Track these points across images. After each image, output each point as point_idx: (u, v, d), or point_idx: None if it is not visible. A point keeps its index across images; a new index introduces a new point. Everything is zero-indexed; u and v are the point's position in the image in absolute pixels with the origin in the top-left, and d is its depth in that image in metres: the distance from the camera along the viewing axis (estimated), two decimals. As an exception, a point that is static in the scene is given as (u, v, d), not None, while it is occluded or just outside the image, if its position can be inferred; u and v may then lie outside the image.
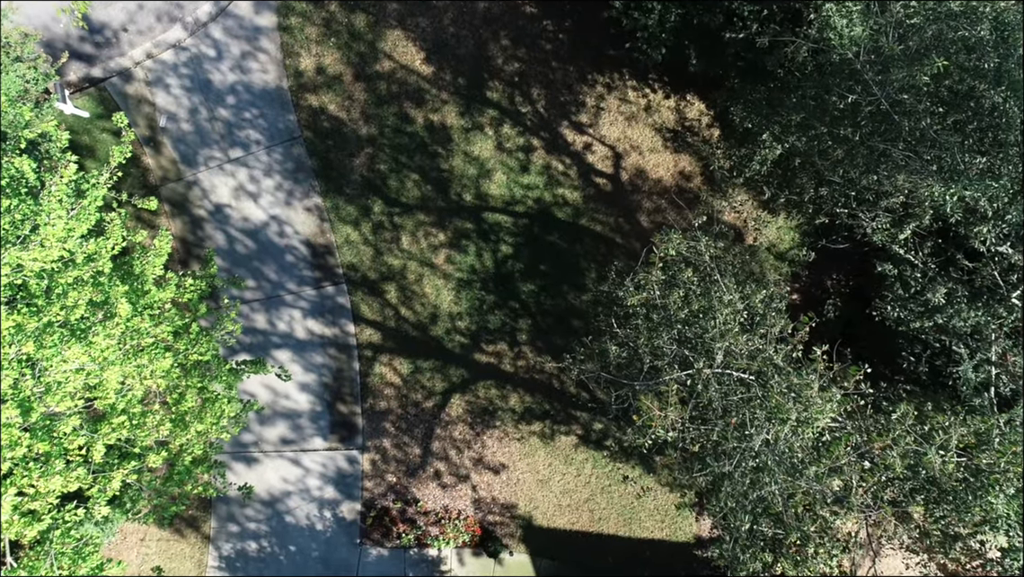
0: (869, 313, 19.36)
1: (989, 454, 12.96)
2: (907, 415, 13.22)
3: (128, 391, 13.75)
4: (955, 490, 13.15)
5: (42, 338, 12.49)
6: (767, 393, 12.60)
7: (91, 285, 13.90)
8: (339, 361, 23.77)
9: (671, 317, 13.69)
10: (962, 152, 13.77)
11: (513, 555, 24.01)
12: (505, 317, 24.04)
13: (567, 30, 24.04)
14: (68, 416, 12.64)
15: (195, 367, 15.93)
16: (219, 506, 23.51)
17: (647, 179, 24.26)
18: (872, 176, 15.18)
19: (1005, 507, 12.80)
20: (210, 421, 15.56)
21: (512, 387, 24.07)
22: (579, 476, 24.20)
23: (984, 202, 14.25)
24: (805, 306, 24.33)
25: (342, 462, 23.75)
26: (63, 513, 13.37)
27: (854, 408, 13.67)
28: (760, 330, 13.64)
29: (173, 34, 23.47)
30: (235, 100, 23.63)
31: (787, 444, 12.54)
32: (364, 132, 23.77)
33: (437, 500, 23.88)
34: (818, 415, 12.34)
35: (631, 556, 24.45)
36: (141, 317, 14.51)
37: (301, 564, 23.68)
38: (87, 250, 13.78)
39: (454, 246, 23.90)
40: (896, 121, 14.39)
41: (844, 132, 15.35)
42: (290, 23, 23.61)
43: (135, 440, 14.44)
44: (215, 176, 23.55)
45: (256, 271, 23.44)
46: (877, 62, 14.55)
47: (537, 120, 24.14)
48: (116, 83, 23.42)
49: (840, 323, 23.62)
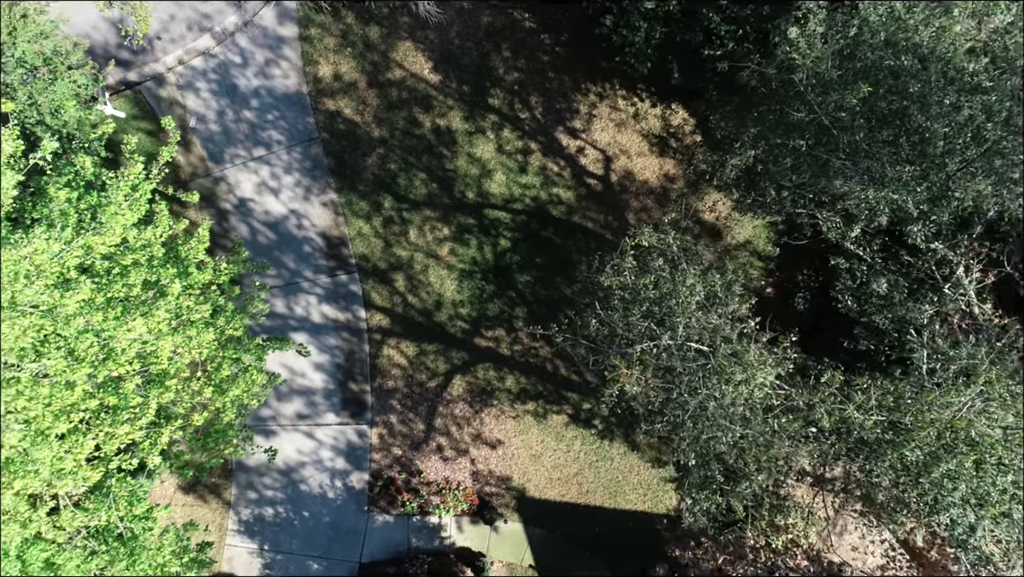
0: (836, 306, 21.57)
1: (901, 413, 15.23)
2: (833, 380, 15.55)
3: (178, 359, 15.96)
4: (879, 443, 15.40)
5: (106, 311, 14.67)
6: (717, 358, 14.96)
7: (146, 267, 16.11)
8: (351, 343, 25.97)
9: (641, 297, 16.05)
10: (891, 162, 16.07)
11: (507, 523, 26.17)
12: (503, 305, 26.26)
13: (563, 43, 26.27)
14: (130, 377, 14.85)
15: (230, 341, 18.15)
16: (239, 475, 25.68)
17: (634, 180, 26.49)
18: (818, 181, 17.47)
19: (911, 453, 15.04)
20: (243, 388, 17.78)
21: (509, 369, 26.28)
22: (569, 452, 26.39)
23: (910, 204, 16.52)
24: (779, 298, 26.59)
25: (352, 436, 25.92)
26: (120, 461, 15.54)
27: (795, 377, 15.98)
28: (718, 309, 15.93)
29: (203, 42, 25.67)
30: (259, 103, 25.83)
31: (732, 399, 14.87)
32: (376, 134, 25.98)
33: (439, 472, 26.05)
34: (756, 374, 14.67)
35: (616, 526, 26.59)
36: (186, 296, 16.73)
37: (313, 529, 25.82)
38: (143, 237, 15.98)
39: (457, 239, 26.11)
40: (835, 135, 16.70)
41: (793, 143, 17.67)
42: (310, 34, 25.82)
43: (179, 402, 16.65)
44: (240, 173, 25.75)
45: (276, 260, 25.63)
46: (818, 85, 16.85)
47: (535, 125, 26.36)
48: (150, 87, 25.62)
49: (811, 315, 25.86)
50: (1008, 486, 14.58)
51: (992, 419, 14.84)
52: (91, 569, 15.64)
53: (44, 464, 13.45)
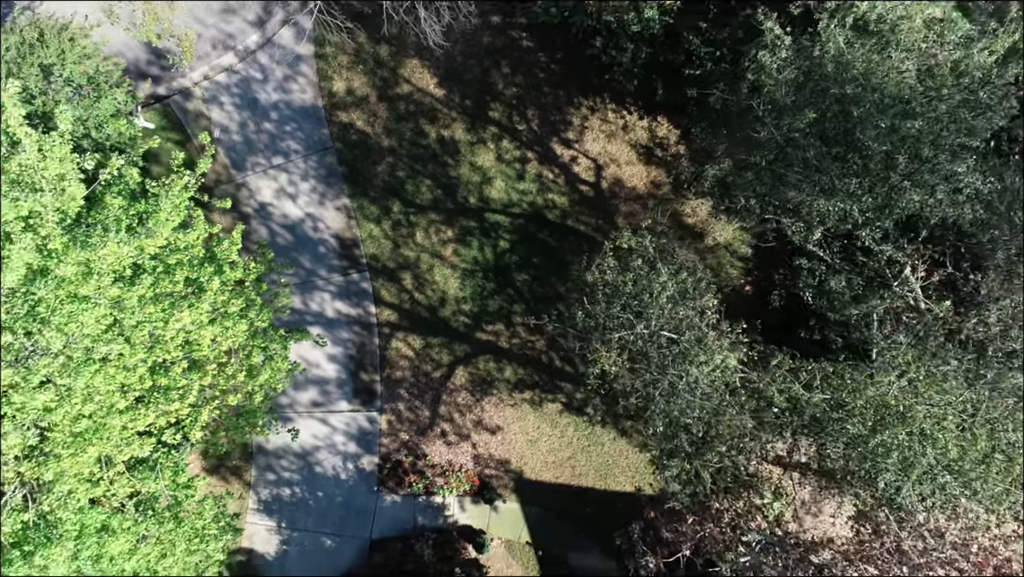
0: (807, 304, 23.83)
1: (842, 393, 17.56)
2: (783, 364, 17.89)
3: (216, 347, 18.20)
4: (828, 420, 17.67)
5: (158, 304, 16.91)
6: (683, 344, 17.31)
7: (187, 266, 18.34)
8: (362, 337, 28.20)
9: (620, 292, 18.42)
10: (839, 175, 18.39)
11: (506, 503, 28.36)
12: (502, 302, 28.50)
13: (558, 61, 28.56)
14: (178, 361, 17.10)
15: (258, 332, 20.39)
16: (259, 458, 27.89)
17: (623, 187, 28.75)
18: (777, 192, 19.78)
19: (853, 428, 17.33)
20: (270, 373, 20.03)
21: (507, 361, 28.51)
22: (563, 437, 28.60)
23: (856, 212, 18.82)
24: (757, 296, 28.84)
25: (363, 422, 28.13)
26: (168, 435, 17.77)
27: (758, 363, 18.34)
28: (689, 303, 18.26)
29: (226, 59, 27.92)
30: (277, 115, 28.08)
31: (695, 377, 17.20)
32: (385, 144, 28.24)
33: (442, 455, 28.25)
34: (715, 356, 17.04)
35: (606, 506, 28.78)
36: (222, 292, 18.96)
37: (327, 508, 28.00)
38: (185, 239, 18.22)
39: (460, 241, 28.35)
40: (789, 152, 19.02)
41: (754, 159, 20.01)
42: (325, 52, 28.08)
43: (216, 385, 18.90)
44: (260, 179, 28.00)
45: (293, 260, 27.87)
46: (774, 109, 19.18)
47: (531, 136, 28.63)
48: (178, 100, 27.87)
49: (785, 311, 28.07)
50: (931, 453, 16.89)
51: (920, 396, 17.16)
52: (140, 531, 17.89)
53: (114, 431, 15.69)
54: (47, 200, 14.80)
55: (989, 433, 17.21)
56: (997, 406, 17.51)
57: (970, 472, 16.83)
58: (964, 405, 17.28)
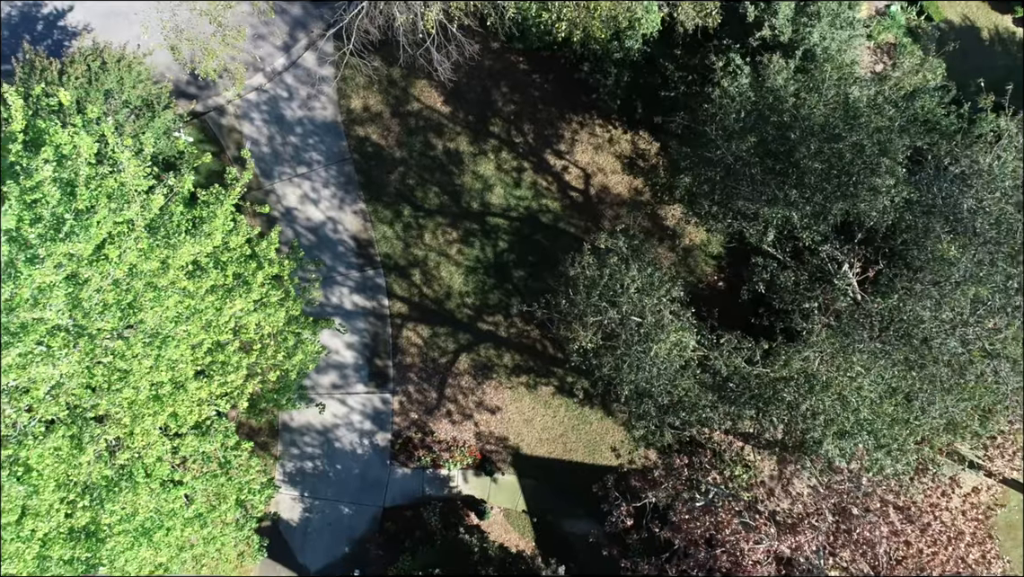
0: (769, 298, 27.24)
1: (775, 366, 21.12)
2: (729, 341, 21.42)
3: (260, 331, 21.70)
4: (772, 391, 21.20)
5: (215, 293, 20.40)
6: (646, 326, 20.90)
7: (236, 262, 21.81)
8: (376, 326, 31.63)
9: (597, 284, 21.98)
10: (779, 188, 21.93)
11: (504, 476, 31.50)
12: (501, 296, 31.95)
13: (551, 82, 32.07)
14: (231, 342, 20.62)
15: (292, 319, 23.87)
16: (284, 434, 31.22)
17: (609, 193, 32.24)
18: (729, 201, 23.33)
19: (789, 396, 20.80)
20: (303, 355, 23.52)
21: (506, 349, 31.95)
22: (555, 417, 31.98)
23: (796, 219, 22.37)
24: (728, 291, 32.25)
25: (377, 403, 31.51)
26: (221, 404, 21.26)
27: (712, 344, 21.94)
28: (654, 294, 21.79)
29: (256, 80, 31.39)
30: (301, 130, 31.57)
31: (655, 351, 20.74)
32: (398, 155, 31.73)
33: (448, 432, 31.58)
34: (671, 334, 20.62)
35: (594, 478, 32.02)
36: (263, 284, 22.43)
37: (345, 479, 31.20)
38: (235, 240, 21.69)
39: (464, 241, 31.83)
40: (738, 169, 22.59)
41: (708, 174, 23.58)
42: (344, 73, 31.57)
43: (258, 363, 22.38)
44: (286, 187, 31.47)
45: (316, 258, 31.25)
46: (724, 133, 22.74)
47: (527, 148, 32.13)
48: (213, 116, 31.34)
49: (752, 304, 31.50)
50: (845, 414, 20.37)
51: (839, 369, 20.67)
52: (197, 486, 21.38)
53: (190, 394, 19.21)
54: (136, 209, 18.27)
55: (903, 399, 20.71)
56: (905, 377, 21.04)
57: (881, 430, 20.32)
58: (878, 376, 20.79)
